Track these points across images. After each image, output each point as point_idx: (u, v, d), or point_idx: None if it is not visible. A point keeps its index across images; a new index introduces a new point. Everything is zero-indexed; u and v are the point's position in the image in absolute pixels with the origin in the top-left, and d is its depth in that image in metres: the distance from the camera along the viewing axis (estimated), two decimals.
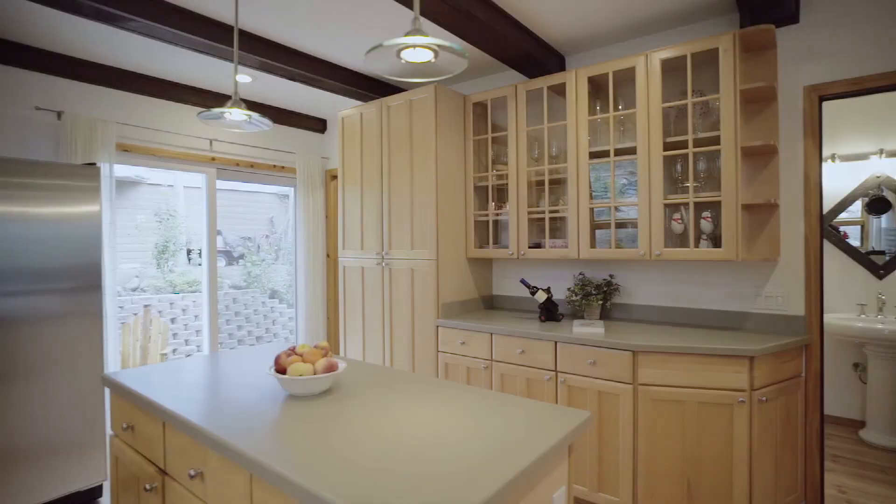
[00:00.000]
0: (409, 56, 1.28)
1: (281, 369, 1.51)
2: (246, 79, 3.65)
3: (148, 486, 1.46)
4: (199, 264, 8.19)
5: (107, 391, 2.80)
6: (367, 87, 3.66)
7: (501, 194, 3.41)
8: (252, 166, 4.23)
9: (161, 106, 3.70)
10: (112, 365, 3.34)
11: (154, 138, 3.64)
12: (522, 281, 2.96)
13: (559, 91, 3.07)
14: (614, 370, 2.37)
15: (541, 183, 3.17)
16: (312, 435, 1.20)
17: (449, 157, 3.18)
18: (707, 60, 2.58)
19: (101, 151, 3.26)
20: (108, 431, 2.95)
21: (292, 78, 3.35)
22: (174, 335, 6.22)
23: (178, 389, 1.58)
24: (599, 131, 3.02)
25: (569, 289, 3.05)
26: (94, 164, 2.68)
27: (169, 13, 2.58)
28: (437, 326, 3.04)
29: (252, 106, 4.19)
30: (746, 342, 2.24)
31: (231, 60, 3.01)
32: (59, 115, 3.18)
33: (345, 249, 3.63)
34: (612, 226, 2.72)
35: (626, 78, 2.79)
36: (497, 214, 3.26)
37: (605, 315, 3.06)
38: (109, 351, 3.30)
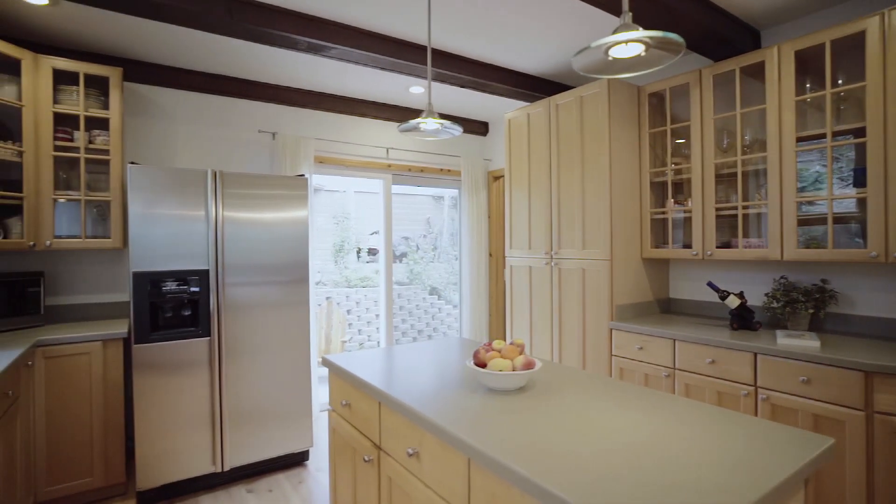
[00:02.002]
0: (619, 52, 1.25)
1: (480, 363, 1.59)
2: (419, 89, 3.92)
3: (366, 458, 1.66)
4: (368, 262, 9.06)
5: (312, 369, 3.24)
6: (534, 87, 3.66)
7: (681, 190, 3.15)
8: (422, 170, 4.54)
9: (347, 121, 4.17)
10: (312, 348, 3.86)
11: (342, 150, 4.13)
12: (710, 284, 2.69)
13: (753, 72, 2.72)
14: (837, 392, 2.02)
15: (730, 176, 2.85)
16: (520, 429, 1.24)
17: (622, 152, 3.03)
18: None
19: (304, 164, 3.79)
20: (314, 405, 3.42)
21: (462, 85, 3.50)
22: (349, 325, 6.97)
23: (387, 375, 1.76)
24: (808, 113, 2.60)
25: (766, 294, 2.69)
26: (303, 175, 3.12)
27: (363, 38, 2.89)
28: (611, 329, 2.93)
29: (421, 114, 4.49)
30: None
31: (409, 74, 3.26)
32: (273, 135, 3.78)
33: (512, 249, 3.69)
34: (830, 222, 2.32)
35: (849, 46, 2.36)
36: (677, 212, 3.01)
37: (815, 326, 2.63)
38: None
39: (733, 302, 2.62)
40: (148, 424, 2.61)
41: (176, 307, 2.70)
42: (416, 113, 4.47)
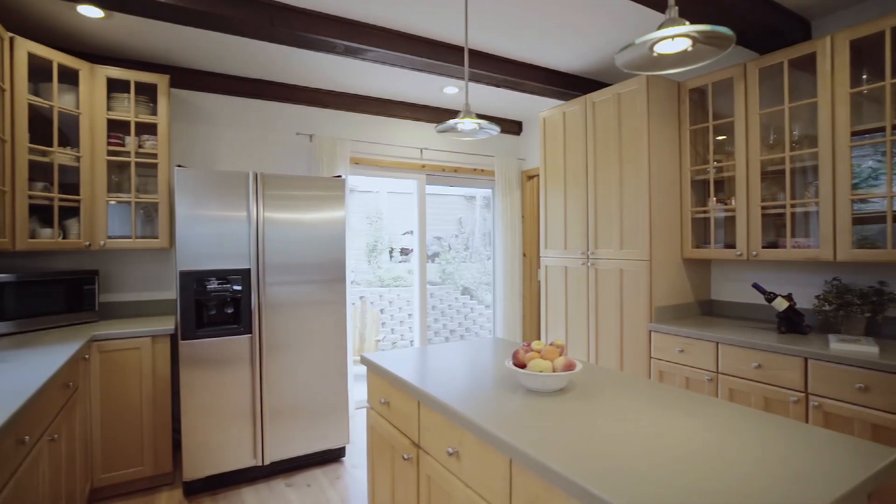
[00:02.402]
0: (665, 48, 1.22)
1: (519, 364, 1.58)
2: (453, 90, 3.93)
3: (406, 456, 1.67)
4: (400, 261, 9.13)
5: (349, 367, 3.29)
6: (569, 84, 3.62)
7: (722, 188, 3.05)
8: (455, 171, 4.55)
9: (382, 122, 4.22)
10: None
11: (377, 151, 4.18)
12: (755, 285, 2.59)
13: (803, 64, 2.60)
14: None
15: (777, 173, 2.74)
16: (562, 430, 1.22)
17: (662, 150, 2.96)
18: None
19: (340, 165, 3.86)
20: (350, 402, 3.48)
21: (497, 85, 3.49)
22: (382, 324, 7.05)
23: (426, 374, 1.77)
24: (864, 106, 2.48)
25: (817, 297, 2.57)
26: (340, 176, 3.17)
27: (399, 40, 2.91)
28: (650, 331, 2.86)
29: (456, 114, 4.49)
30: None
31: (444, 75, 3.28)
32: (310, 137, 3.86)
33: (547, 249, 3.66)
34: (889, 220, 2.20)
35: None
36: (719, 211, 2.91)
37: (872, 331, 2.50)
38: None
39: (781, 304, 2.52)
40: (193, 417, 2.71)
41: (219, 305, 2.79)
42: (449, 113, 4.48)
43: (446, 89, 3.92)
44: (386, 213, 9.23)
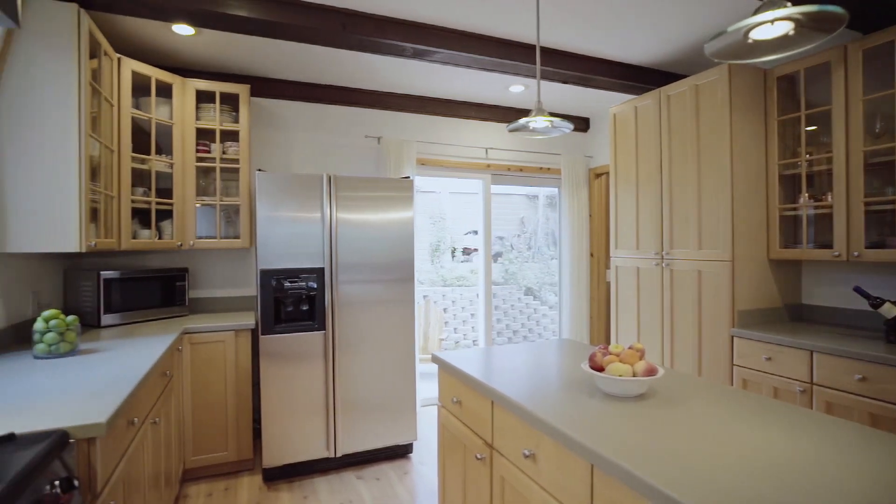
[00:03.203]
0: (762, 33, 1.14)
1: (596, 367, 1.54)
2: (519, 88, 3.89)
3: (478, 456, 1.68)
4: (462, 261, 9.16)
5: (417, 365, 3.34)
6: (641, 78, 3.47)
7: (816, 183, 2.81)
8: (521, 170, 4.50)
9: (447, 123, 4.25)
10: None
11: (442, 151, 4.22)
12: (857, 289, 2.37)
13: None
14: None
15: (884, 165, 2.48)
16: (646, 438, 1.17)
17: (745, 143, 2.77)
18: None
19: (406, 166, 3.93)
20: (418, 400, 3.53)
21: (565, 81, 3.42)
22: (445, 323, 7.11)
23: (498, 374, 1.76)
24: None
25: None
26: (408, 177, 3.23)
27: (466, 40, 2.92)
28: (733, 337, 2.69)
29: (522, 113, 4.45)
30: None
31: (511, 73, 3.25)
32: (378, 140, 3.96)
33: (617, 249, 3.53)
34: None
35: None
36: (812, 207, 2.68)
37: None
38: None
39: (890, 311, 2.28)
40: (272, 408, 2.86)
41: (296, 302, 2.93)
42: (515, 112, 4.43)
43: (512, 88, 3.89)
44: (448, 213, 9.30)
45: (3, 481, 0.96)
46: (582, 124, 4.79)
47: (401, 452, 3.26)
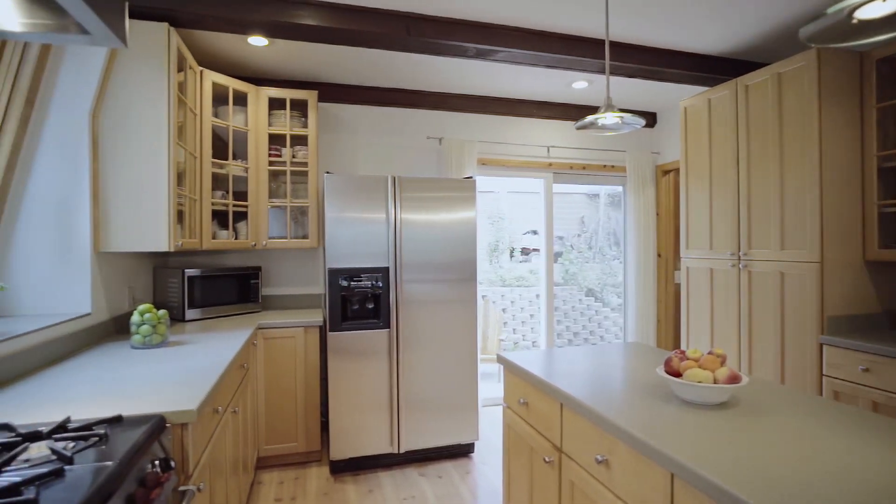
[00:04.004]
0: (872, 11, 1.04)
1: (673, 372, 1.47)
2: (582, 84, 3.79)
3: (547, 459, 1.65)
4: (521, 261, 9.06)
5: (478, 365, 3.33)
6: (714, 68, 3.29)
7: None
8: (584, 168, 4.39)
9: (509, 122, 4.22)
10: None
11: (503, 151, 4.19)
12: None
13: None
14: None
15: None
16: (731, 449, 1.11)
17: (836, 134, 2.55)
18: None
19: (468, 166, 3.94)
20: (480, 400, 3.54)
21: (631, 75, 3.30)
22: (504, 324, 7.06)
23: (565, 376, 1.73)
24: None
25: None
26: (471, 177, 3.24)
27: (530, 38, 2.89)
28: (822, 344, 2.48)
29: (585, 109, 4.34)
30: None
31: (576, 69, 3.18)
32: (440, 140, 4.00)
33: (688, 249, 3.37)
34: None
35: None
36: None
37: None
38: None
39: None
40: (339, 402, 2.96)
41: (361, 300, 3.01)
42: (578, 109, 4.33)
43: (575, 84, 3.80)
44: (506, 212, 9.23)
45: (116, 458, 1.06)
46: (649, 119, 4.60)
47: (462, 451, 3.27)
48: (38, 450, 1.08)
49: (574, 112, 4.33)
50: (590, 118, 1.96)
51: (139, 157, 2.37)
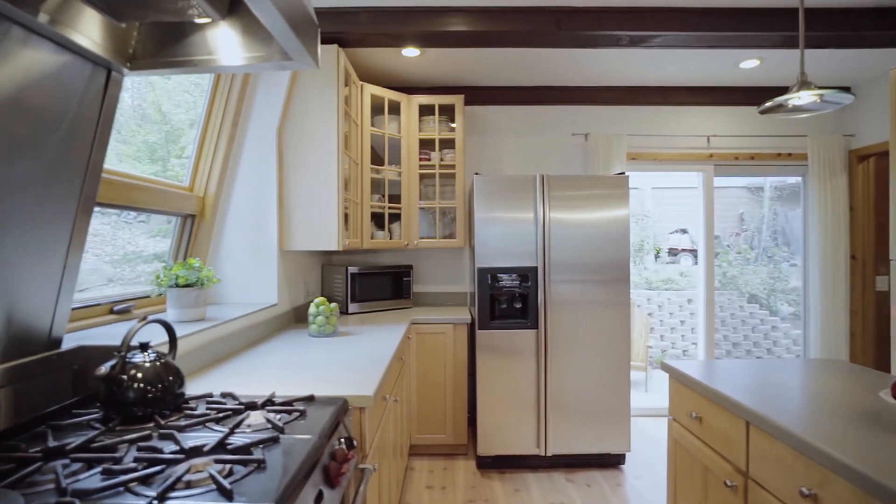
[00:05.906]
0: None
1: None
2: (752, 63, 3.35)
3: (728, 483, 1.48)
4: (667, 262, 8.36)
5: (631, 372, 3.14)
6: None
7: None
8: (752, 157, 3.88)
9: (661, 112, 3.91)
10: None
11: (655, 143, 3.89)
12: None
13: None
14: None
15: None
16: None
17: None
18: None
19: (616, 162, 3.73)
20: (631, 408, 3.34)
21: (822, 45, 2.83)
22: (651, 329, 6.57)
23: (751, 393, 1.53)
24: None
25: None
26: (623, 173, 3.06)
27: (689, 17, 2.64)
28: None
29: (754, 91, 3.83)
30: None
31: (745, 47, 2.83)
32: (586, 136, 3.85)
33: None
34: None
35: None
36: None
37: None
38: None
39: None
40: (486, 399, 3.01)
41: (510, 300, 3.03)
42: (746, 92, 3.84)
43: (743, 64, 3.37)
44: (651, 210, 8.60)
45: (315, 432, 1.19)
46: None
47: (612, 462, 3.11)
48: (256, 418, 1.26)
49: (740, 95, 3.85)
50: (779, 99, 1.71)
51: (314, 167, 2.67)
